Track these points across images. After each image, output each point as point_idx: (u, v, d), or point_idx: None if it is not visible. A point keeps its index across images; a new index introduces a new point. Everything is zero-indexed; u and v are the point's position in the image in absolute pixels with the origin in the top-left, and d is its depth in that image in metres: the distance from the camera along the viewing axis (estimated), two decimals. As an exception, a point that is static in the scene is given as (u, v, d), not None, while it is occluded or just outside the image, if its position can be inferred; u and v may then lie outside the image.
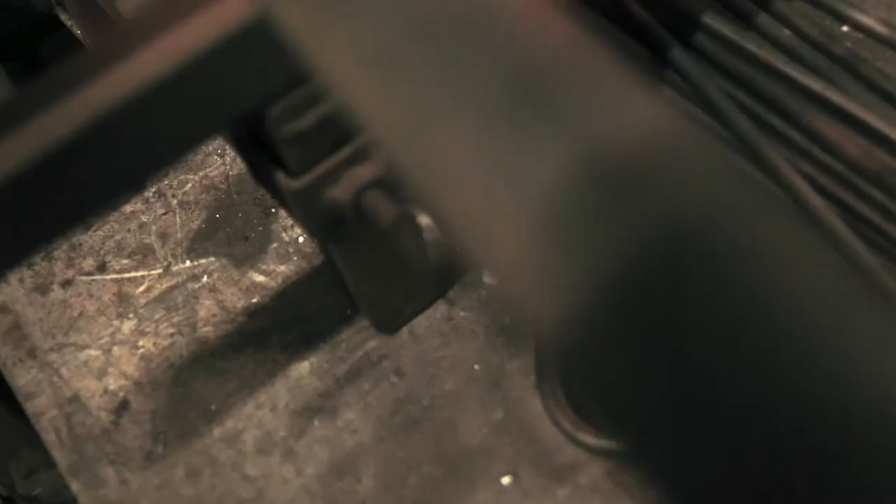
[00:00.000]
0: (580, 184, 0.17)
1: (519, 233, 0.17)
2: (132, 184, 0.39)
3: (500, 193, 0.18)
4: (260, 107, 0.38)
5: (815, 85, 0.52)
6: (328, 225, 0.43)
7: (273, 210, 0.59)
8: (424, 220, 0.39)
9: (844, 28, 0.59)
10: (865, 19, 0.58)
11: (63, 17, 0.67)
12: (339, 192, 0.41)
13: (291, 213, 0.44)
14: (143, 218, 0.60)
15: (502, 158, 0.18)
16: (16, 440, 0.82)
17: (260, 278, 0.56)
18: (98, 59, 0.35)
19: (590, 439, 0.45)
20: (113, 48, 0.35)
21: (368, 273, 0.49)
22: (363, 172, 0.41)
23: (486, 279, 0.53)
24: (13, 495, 0.85)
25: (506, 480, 0.46)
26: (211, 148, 0.62)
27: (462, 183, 0.18)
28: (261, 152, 0.41)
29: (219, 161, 0.62)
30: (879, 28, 0.57)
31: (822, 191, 0.51)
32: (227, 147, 0.62)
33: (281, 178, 0.41)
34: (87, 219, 0.37)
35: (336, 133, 0.40)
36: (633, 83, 0.18)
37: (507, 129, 0.18)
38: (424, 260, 0.40)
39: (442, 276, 0.52)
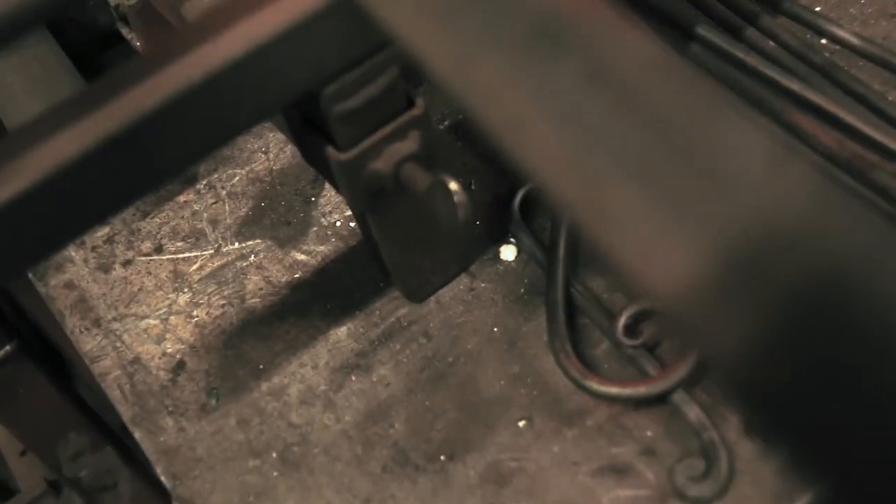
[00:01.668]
0: (754, 236, 0.21)
1: (697, 271, 0.21)
2: (200, 155, 0.45)
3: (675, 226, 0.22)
4: (315, 89, 0.45)
5: (795, 86, 0.59)
6: (370, 195, 0.50)
7: (312, 199, 0.66)
8: (453, 185, 0.46)
9: (823, 41, 0.66)
10: (842, 33, 0.65)
11: (124, 31, 0.74)
12: (381, 164, 0.48)
13: (337, 186, 0.51)
14: (196, 206, 0.67)
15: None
16: (64, 424, 0.88)
17: (301, 257, 0.63)
18: (178, 44, 0.42)
19: (596, 386, 0.51)
20: (191, 37, 0.42)
21: (402, 247, 0.56)
22: (402, 147, 0.48)
23: (503, 256, 0.60)
24: (59, 477, 0.91)
25: (521, 424, 0.53)
26: (256, 146, 0.69)
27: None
28: (312, 130, 0.48)
29: (263, 157, 0.69)
30: (854, 40, 0.64)
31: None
32: (271, 144, 0.69)
33: (331, 151, 0.48)
34: (167, 182, 0.43)
35: (379, 113, 0.47)
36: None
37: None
38: (454, 221, 0.47)
39: (468, 239, 0.58)
